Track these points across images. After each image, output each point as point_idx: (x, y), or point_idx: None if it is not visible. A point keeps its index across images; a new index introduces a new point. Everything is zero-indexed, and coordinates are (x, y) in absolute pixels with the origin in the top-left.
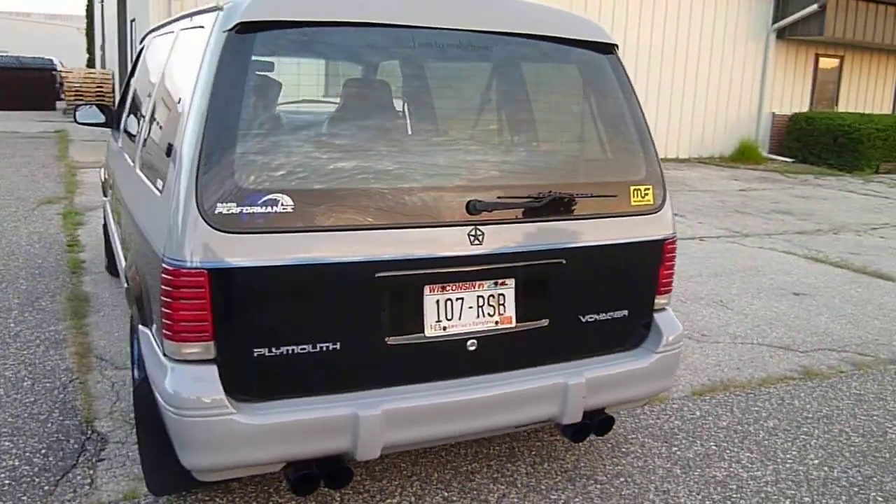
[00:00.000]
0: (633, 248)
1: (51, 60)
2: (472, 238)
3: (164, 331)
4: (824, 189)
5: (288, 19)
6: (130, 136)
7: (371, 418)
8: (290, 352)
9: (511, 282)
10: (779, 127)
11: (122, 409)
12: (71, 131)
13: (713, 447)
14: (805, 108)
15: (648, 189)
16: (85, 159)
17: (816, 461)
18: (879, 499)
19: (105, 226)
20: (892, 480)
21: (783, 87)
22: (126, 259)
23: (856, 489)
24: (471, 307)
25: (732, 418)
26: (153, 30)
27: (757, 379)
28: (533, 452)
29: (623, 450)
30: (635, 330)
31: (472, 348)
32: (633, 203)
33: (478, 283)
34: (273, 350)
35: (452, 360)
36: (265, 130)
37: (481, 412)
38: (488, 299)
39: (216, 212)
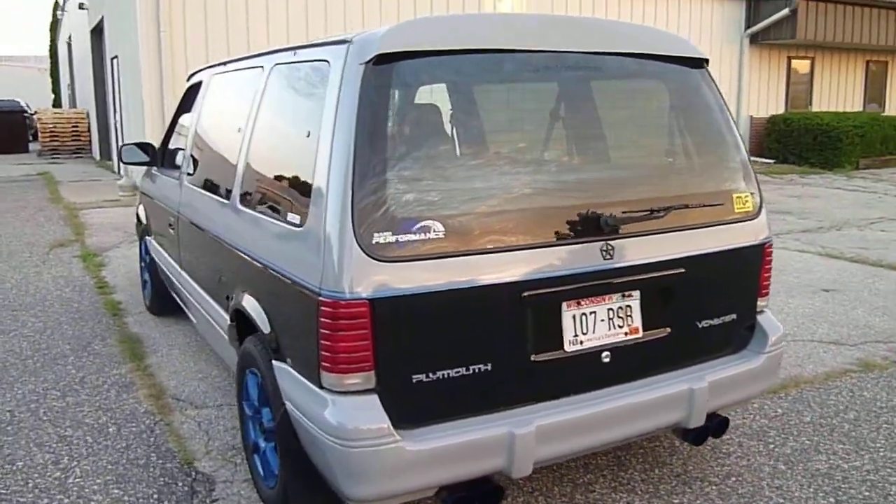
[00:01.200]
0: (739, 254)
1: (18, 102)
2: (603, 253)
3: (324, 363)
4: (813, 187)
5: (419, 49)
6: (204, 173)
7: (526, 435)
8: (446, 375)
9: (636, 293)
10: (757, 129)
11: (217, 447)
12: (55, 173)
13: (806, 442)
14: (781, 110)
15: (748, 196)
16: (81, 200)
17: None
18: None
19: (146, 266)
20: None
21: (759, 90)
22: (216, 297)
23: None
24: (602, 320)
25: (814, 413)
26: (212, 67)
27: (821, 374)
28: (640, 459)
29: (724, 451)
30: (742, 332)
31: (606, 360)
32: (736, 211)
33: (608, 296)
34: (430, 375)
35: (589, 372)
36: (412, 159)
37: (619, 422)
38: (617, 311)
39: (373, 241)
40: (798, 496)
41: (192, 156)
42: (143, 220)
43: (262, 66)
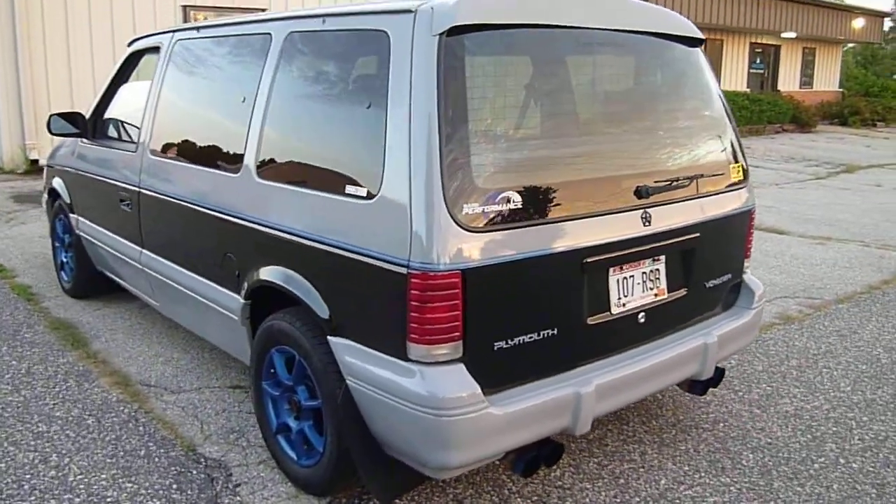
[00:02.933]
0: (735, 218)
1: None
2: (643, 220)
3: (412, 335)
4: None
5: (488, 22)
6: (188, 145)
7: (588, 394)
8: (521, 341)
9: (663, 257)
10: None
11: (216, 432)
12: None
13: (768, 388)
14: None
15: (739, 166)
16: None
17: (848, 388)
18: None
19: (65, 246)
20: None
21: None
22: (212, 276)
23: (893, 405)
24: (638, 283)
25: (763, 363)
26: (169, 31)
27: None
28: (635, 413)
29: (703, 400)
30: (733, 290)
31: (642, 320)
32: (732, 179)
33: (643, 261)
34: (508, 342)
35: (629, 332)
36: (492, 131)
37: (654, 376)
38: (649, 275)
39: (463, 213)
40: (780, 436)
41: (157, 127)
42: (65, 197)
43: (267, 34)
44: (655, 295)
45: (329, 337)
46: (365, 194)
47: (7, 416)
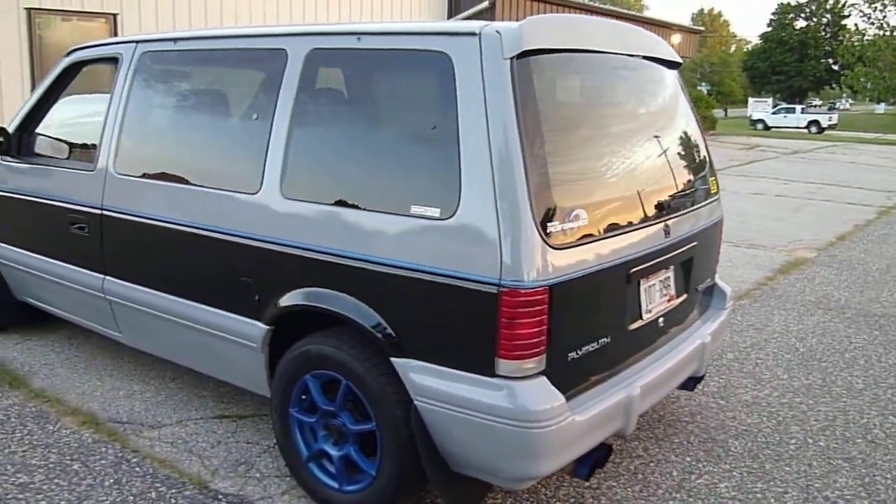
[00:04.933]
0: (715, 227)
1: None
2: (665, 232)
3: (502, 350)
4: None
5: (548, 46)
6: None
7: (637, 396)
8: (587, 350)
9: (672, 266)
10: None
11: (222, 465)
12: None
13: (721, 381)
14: None
15: (715, 179)
16: None
17: (785, 376)
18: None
19: None
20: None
21: None
22: (219, 302)
23: (826, 388)
24: (657, 291)
25: None
26: (128, 42)
27: None
28: None
29: (673, 396)
30: (708, 293)
31: (661, 325)
32: (712, 192)
33: (663, 270)
34: (578, 352)
35: (652, 336)
36: (562, 151)
37: (674, 375)
38: (664, 282)
39: (548, 231)
40: (751, 423)
41: (126, 145)
42: None
43: (282, 49)
44: (668, 301)
45: (393, 359)
46: (438, 215)
47: None
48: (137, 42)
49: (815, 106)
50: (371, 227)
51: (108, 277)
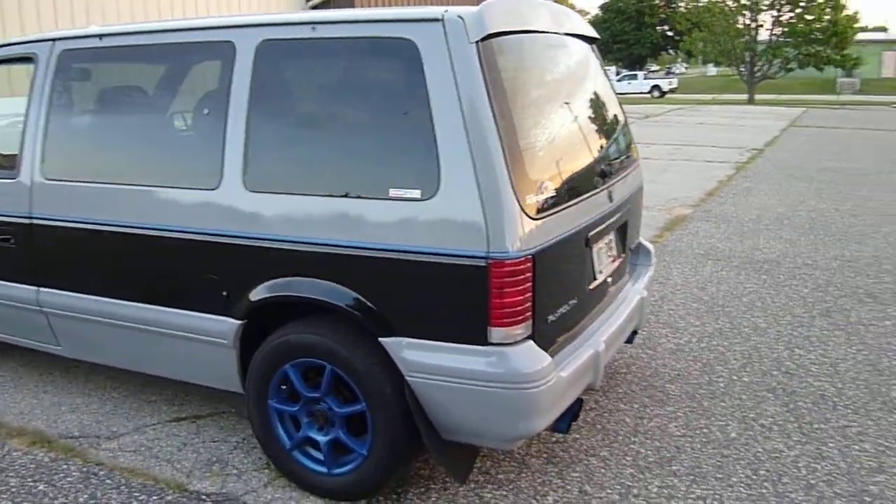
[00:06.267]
0: (640, 190)
1: None
2: (609, 197)
3: (494, 319)
4: None
5: (504, 29)
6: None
7: (602, 350)
8: (560, 312)
9: (613, 229)
10: None
11: (195, 466)
12: None
13: (643, 332)
14: None
15: (635, 145)
16: None
17: (698, 323)
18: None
19: None
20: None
21: None
22: (178, 301)
23: (736, 332)
24: (604, 253)
25: None
26: (45, 41)
27: None
28: None
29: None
30: (635, 251)
31: (609, 283)
32: (634, 156)
33: (609, 233)
34: (554, 314)
35: (602, 294)
36: (528, 126)
37: (624, 329)
38: (609, 244)
39: (526, 202)
40: (680, 368)
41: (54, 149)
42: None
43: (228, 41)
44: (612, 261)
45: (382, 339)
46: (419, 196)
47: None
48: (55, 40)
49: (654, 71)
50: (349, 213)
51: (42, 289)
